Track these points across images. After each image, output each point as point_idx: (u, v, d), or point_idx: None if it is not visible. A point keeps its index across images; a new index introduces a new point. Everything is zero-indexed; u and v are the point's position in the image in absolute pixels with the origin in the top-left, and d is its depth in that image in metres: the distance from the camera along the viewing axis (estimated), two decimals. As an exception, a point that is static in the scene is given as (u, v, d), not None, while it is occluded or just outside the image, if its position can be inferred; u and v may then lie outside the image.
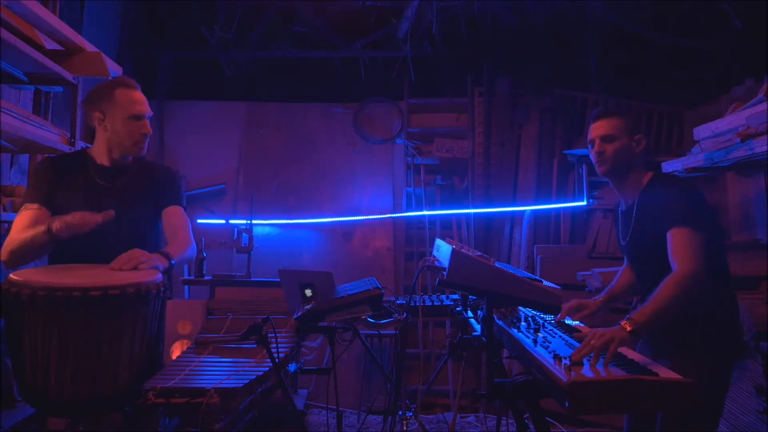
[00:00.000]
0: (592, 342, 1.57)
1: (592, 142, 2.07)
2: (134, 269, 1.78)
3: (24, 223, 1.95)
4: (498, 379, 1.72)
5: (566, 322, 2.11)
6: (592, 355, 1.55)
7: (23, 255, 1.90)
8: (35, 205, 2.00)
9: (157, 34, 4.85)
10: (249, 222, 4.08)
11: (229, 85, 4.95)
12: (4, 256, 1.92)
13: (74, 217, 1.81)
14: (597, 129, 2.06)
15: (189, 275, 4.48)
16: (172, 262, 1.94)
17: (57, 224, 1.81)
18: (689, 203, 1.86)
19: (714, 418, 1.90)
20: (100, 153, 2.11)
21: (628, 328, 1.63)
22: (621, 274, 2.26)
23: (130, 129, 2.06)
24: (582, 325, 2.10)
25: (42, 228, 1.83)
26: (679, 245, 1.79)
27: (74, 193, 2.04)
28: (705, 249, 1.77)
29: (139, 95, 2.11)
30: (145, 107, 2.11)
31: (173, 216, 2.16)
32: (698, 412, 1.79)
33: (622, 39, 4.59)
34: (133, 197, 2.10)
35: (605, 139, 2.02)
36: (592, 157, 2.08)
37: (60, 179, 2.05)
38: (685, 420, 1.81)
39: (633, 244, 2.04)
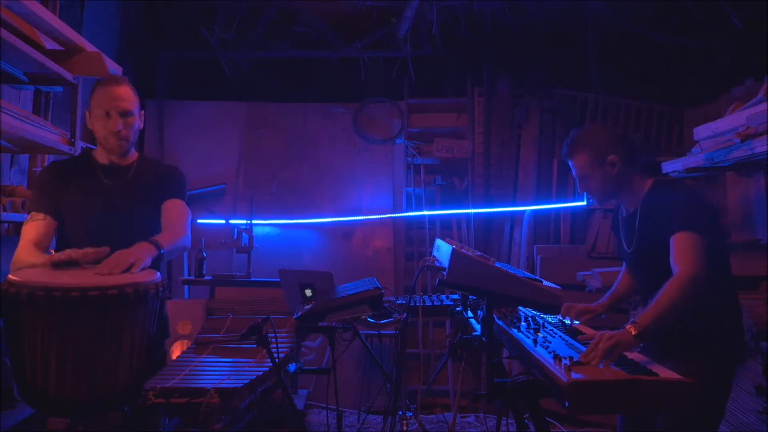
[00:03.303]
0: (600, 345, 1.57)
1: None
2: (127, 272, 1.75)
3: (31, 237, 1.95)
4: (498, 379, 1.72)
5: (566, 322, 2.11)
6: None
7: None
8: (41, 215, 2.00)
9: (157, 34, 4.85)
10: (249, 222, 4.08)
11: (229, 85, 4.95)
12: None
13: (73, 255, 1.81)
14: (572, 167, 2.06)
15: (189, 275, 4.48)
16: (162, 251, 1.88)
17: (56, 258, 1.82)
18: (692, 207, 1.85)
19: (716, 421, 1.89)
20: (99, 152, 2.12)
21: (634, 332, 1.62)
22: (622, 277, 2.24)
23: (102, 126, 2.02)
24: (578, 323, 2.10)
25: (42, 261, 1.85)
26: (681, 249, 1.78)
27: (82, 194, 2.04)
28: (707, 253, 1.76)
29: (117, 91, 2.01)
30: (119, 103, 2.00)
31: (172, 207, 2.13)
32: (700, 414, 1.77)
33: (622, 39, 4.59)
34: (139, 195, 2.10)
35: (581, 178, 2.03)
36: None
37: (66, 183, 2.05)
38: (687, 422, 1.80)
39: (638, 252, 2.00)
